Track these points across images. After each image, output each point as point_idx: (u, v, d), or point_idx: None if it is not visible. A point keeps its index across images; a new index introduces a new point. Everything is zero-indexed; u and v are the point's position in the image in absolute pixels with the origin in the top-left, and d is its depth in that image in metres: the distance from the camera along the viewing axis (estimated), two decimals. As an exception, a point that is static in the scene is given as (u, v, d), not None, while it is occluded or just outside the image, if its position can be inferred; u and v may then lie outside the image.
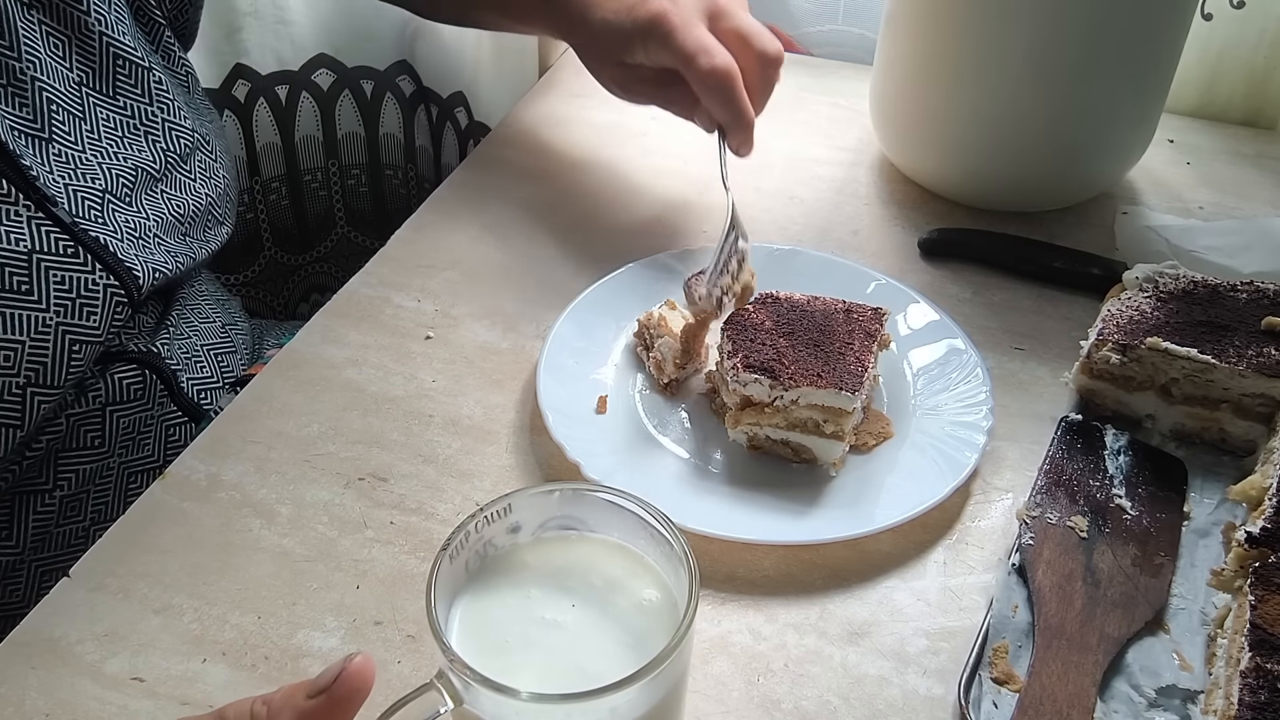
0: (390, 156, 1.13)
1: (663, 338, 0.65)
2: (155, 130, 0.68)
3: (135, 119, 0.67)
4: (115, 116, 0.66)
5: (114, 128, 0.66)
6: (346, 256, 1.16)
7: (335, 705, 0.37)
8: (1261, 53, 0.89)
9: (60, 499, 0.66)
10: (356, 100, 1.09)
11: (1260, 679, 0.46)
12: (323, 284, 1.16)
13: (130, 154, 0.67)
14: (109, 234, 0.63)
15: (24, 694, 0.49)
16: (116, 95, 0.67)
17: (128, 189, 0.66)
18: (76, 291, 0.61)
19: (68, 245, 0.61)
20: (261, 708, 0.38)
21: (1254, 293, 0.63)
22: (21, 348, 0.59)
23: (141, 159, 0.67)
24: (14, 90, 0.61)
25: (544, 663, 0.41)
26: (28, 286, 0.59)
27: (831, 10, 1.03)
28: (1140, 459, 0.60)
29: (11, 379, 0.59)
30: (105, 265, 0.63)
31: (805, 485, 0.59)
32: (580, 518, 0.45)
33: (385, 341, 0.69)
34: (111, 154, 0.66)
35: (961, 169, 0.80)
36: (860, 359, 0.59)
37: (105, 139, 0.65)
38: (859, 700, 0.50)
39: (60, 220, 0.61)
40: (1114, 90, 0.73)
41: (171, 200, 0.69)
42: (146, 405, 0.69)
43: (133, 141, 0.67)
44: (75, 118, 0.64)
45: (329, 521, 0.58)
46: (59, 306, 0.61)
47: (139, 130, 0.68)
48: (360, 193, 1.14)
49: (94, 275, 0.62)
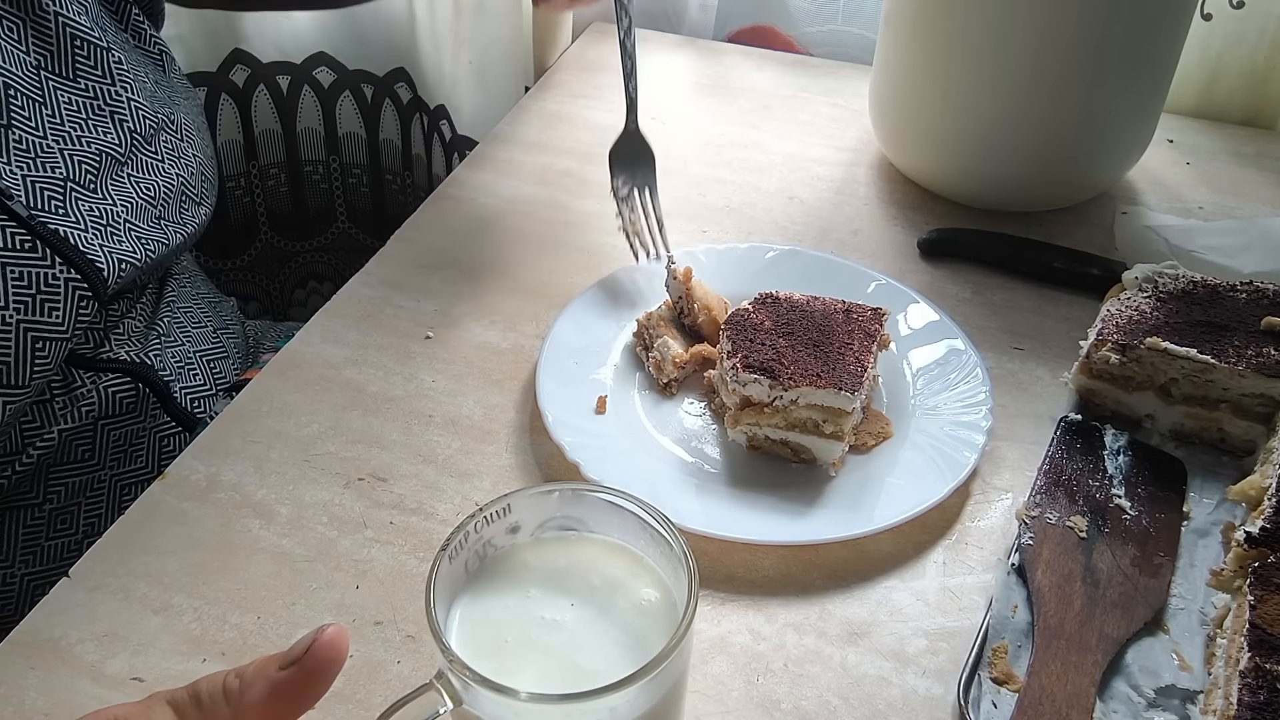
0: (389, 162, 1.13)
1: (661, 338, 0.65)
2: (121, 110, 0.67)
3: (98, 100, 0.66)
4: (76, 99, 0.65)
5: (76, 110, 0.65)
6: (346, 250, 1.16)
7: (308, 676, 0.36)
8: (1261, 53, 0.89)
9: (50, 512, 0.66)
10: (357, 102, 1.09)
11: (1259, 679, 0.46)
12: (320, 273, 1.16)
13: (95, 136, 0.65)
14: (70, 225, 0.62)
15: (24, 694, 0.49)
16: (76, 77, 0.65)
17: (91, 175, 0.64)
18: (36, 288, 0.60)
19: (25, 240, 0.59)
20: (234, 680, 0.37)
21: (1253, 293, 0.63)
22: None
23: (106, 141, 0.66)
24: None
25: (543, 663, 0.41)
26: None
27: (831, 10, 1.03)
28: (1139, 459, 0.60)
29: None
30: (66, 259, 0.61)
31: (805, 485, 0.59)
32: (580, 518, 0.45)
33: (385, 341, 0.69)
34: (74, 138, 0.64)
35: (961, 169, 0.80)
36: (860, 359, 0.59)
37: (67, 123, 0.64)
38: (858, 700, 0.50)
39: (16, 215, 0.59)
40: (1114, 90, 0.73)
41: (139, 183, 0.68)
42: (139, 417, 0.69)
43: (97, 124, 0.65)
44: (35, 103, 0.62)
45: (328, 521, 0.58)
46: (18, 304, 0.59)
47: (103, 111, 0.66)
48: (362, 192, 1.14)
49: (54, 270, 0.60)
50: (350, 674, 0.50)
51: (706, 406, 0.64)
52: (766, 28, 1.06)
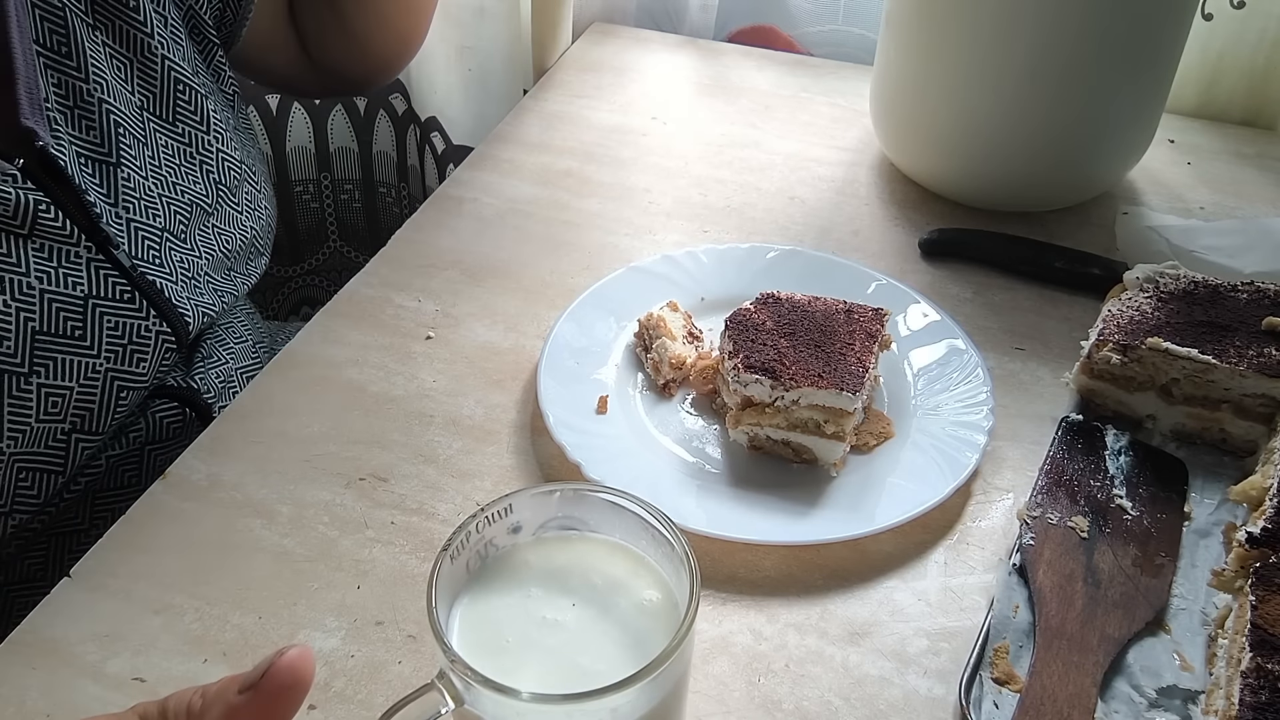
0: (383, 174, 1.12)
1: (660, 339, 0.65)
2: (210, 160, 0.67)
3: (192, 147, 0.66)
4: (174, 144, 0.64)
5: (172, 155, 0.64)
6: (339, 270, 1.15)
7: (265, 702, 0.35)
8: (1261, 53, 0.89)
9: (95, 537, 0.65)
10: (349, 116, 1.09)
11: (1261, 679, 0.46)
12: (314, 297, 1.15)
13: (185, 185, 0.65)
14: (164, 277, 0.62)
15: (25, 694, 0.49)
16: (175, 122, 0.65)
17: (183, 225, 0.64)
18: (129, 338, 0.60)
19: (125, 290, 0.59)
20: (198, 700, 0.36)
21: (1255, 293, 0.63)
22: (70, 394, 0.58)
23: (195, 191, 0.65)
24: (81, 113, 0.59)
25: (545, 663, 0.41)
26: (81, 332, 0.58)
27: (831, 10, 1.03)
28: (1141, 459, 0.60)
29: (57, 425, 0.58)
30: (159, 311, 0.61)
31: (806, 485, 0.59)
32: (581, 518, 0.45)
33: (386, 341, 0.69)
34: (170, 185, 0.64)
35: (962, 169, 0.80)
36: (861, 360, 0.59)
37: (165, 168, 0.64)
38: (860, 701, 0.50)
39: (120, 264, 0.59)
40: (1114, 90, 0.73)
41: (221, 235, 0.68)
42: (184, 441, 0.68)
43: (188, 171, 0.65)
44: (140, 144, 0.62)
45: (330, 521, 0.58)
46: (110, 353, 0.59)
47: (194, 160, 0.66)
48: (354, 208, 1.13)
49: (147, 321, 0.61)
50: (352, 674, 0.50)
51: (708, 406, 0.64)
52: (767, 28, 1.06)
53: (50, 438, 0.58)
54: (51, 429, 0.58)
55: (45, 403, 0.57)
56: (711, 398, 0.64)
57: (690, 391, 0.65)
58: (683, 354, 0.64)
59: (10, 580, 0.65)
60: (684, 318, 0.68)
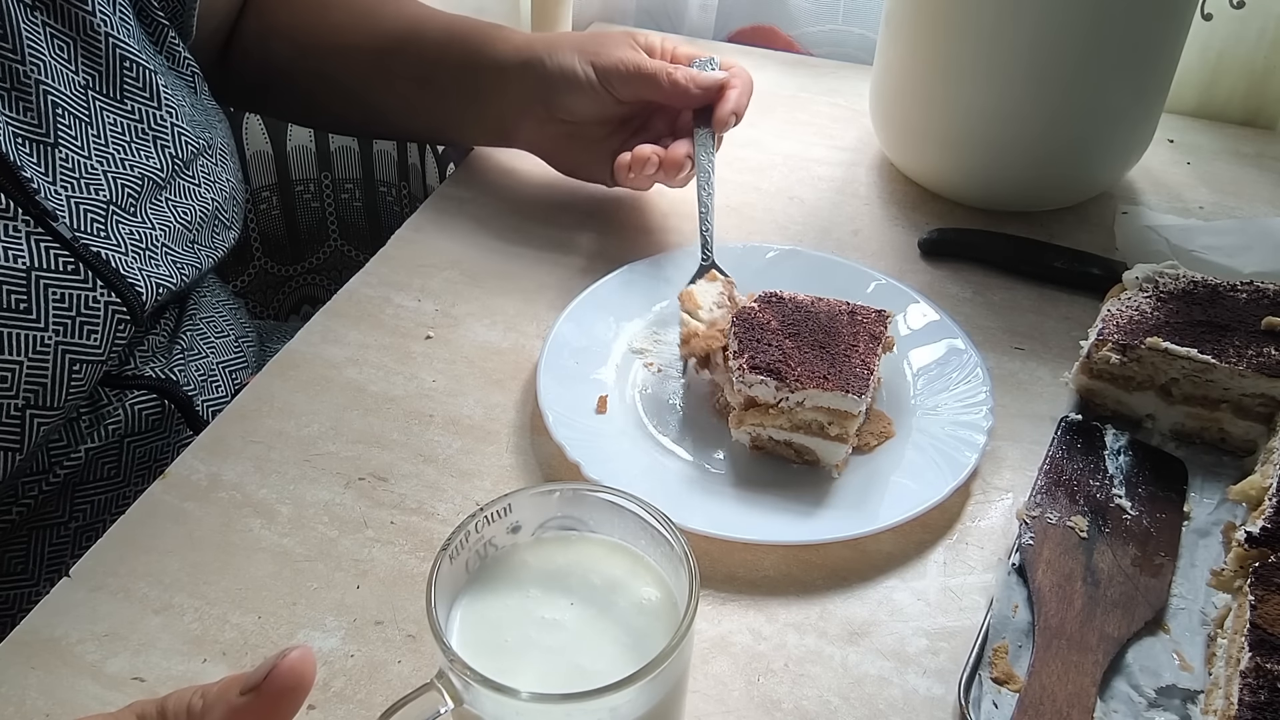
0: (384, 173, 1.12)
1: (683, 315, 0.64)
2: (164, 135, 0.67)
3: (144, 123, 0.66)
4: (123, 121, 0.65)
5: (121, 133, 0.64)
6: (339, 269, 1.15)
7: (267, 704, 0.35)
8: (1261, 53, 0.89)
9: (75, 530, 0.65)
10: None
11: (1260, 679, 0.46)
12: (314, 296, 1.15)
13: (137, 160, 0.65)
14: (111, 249, 0.62)
15: (24, 694, 0.49)
16: (124, 100, 0.65)
17: (132, 199, 0.64)
18: (77, 309, 0.59)
19: (68, 261, 0.59)
20: (198, 700, 0.36)
21: (1254, 292, 0.63)
22: (19, 368, 0.57)
23: (148, 166, 0.65)
24: (17, 94, 0.59)
25: (544, 662, 0.41)
26: (26, 305, 0.57)
27: (831, 10, 1.03)
28: (1140, 459, 0.60)
29: (10, 400, 0.57)
30: (107, 281, 0.61)
31: (805, 485, 0.59)
32: (580, 518, 0.45)
33: (385, 341, 0.69)
34: (118, 161, 0.64)
35: (961, 169, 0.80)
36: (866, 362, 0.59)
37: (112, 145, 0.64)
38: (859, 700, 0.50)
39: (60, 236, 0.59)
40: (1114, 90, 0.73)
41: (177, 208, 0.67)
42: (164, 433, 0.68)
43: (140, 148, 0.65)
44: (81, 122, 0.62)
45: (329, 521, 0.58)
46: (58, 325, 0.59)
47: (146, 135, 0.66)
48: (354, 207, 1.13)
49: (95, 292, 0.60)
50: (351, 674, 0.50)
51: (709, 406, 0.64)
52: (767, 28, 1.06)
53: (3, 414, 0.57)
54: (4, 404, 0.57)
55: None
56: (700, 368, 0.64)
57: (691, 397, 0.65)
58: (694, 327, 0.63)
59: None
60: (724, 285, 0.66)
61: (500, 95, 0.76)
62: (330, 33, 0.81)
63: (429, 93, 0.79)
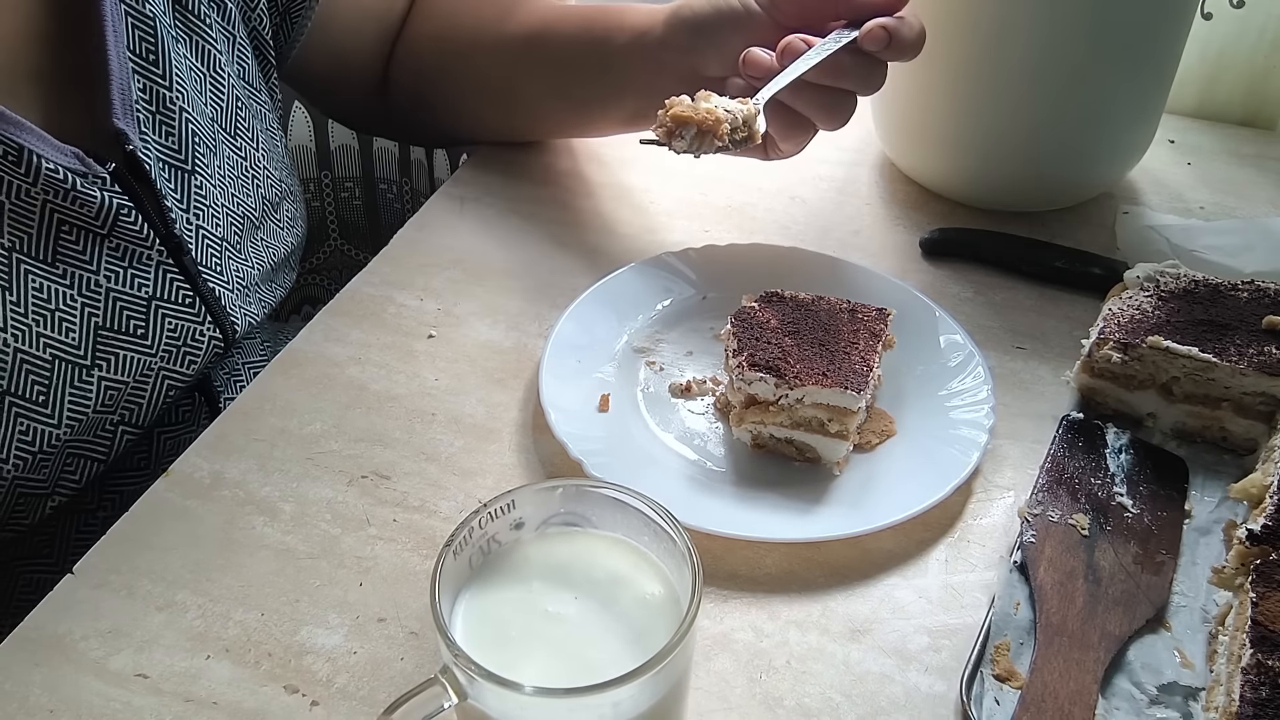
0: (385, 170, 1.12)
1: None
2: (259, 177, 0.69)
3: (247, 161, 0.68)
4: (234, 158, 0.67)
5: (233, 168, 0.67)
6: (339, 269, 1.15)
7: None
8: (1261, 53, 0.90)
9: (103, 519, 0.66)
10: None
11: (1261, 676, 0.46)
12: (315, 296, 1.15)
13: (241, 198, 0.67)
14: (221, 284, 0.65)
15: (28, 691, 0.49)
16: (236, 136, 0.67)
17: (238, 236, 0.67)
18: (184, 339, 0.63)
19: (188, 295, 0.62)
20: None
21: (1255, 292, 0.63)
22: (124, 389, 0.61)
23: (248, 205, 0.68)
24: (162, 119, 0.62)
25: (547, 657, 0.41)
26: (143, 331, 0.61)
27: (833, 11, 1.03)
28: (1141, 457, 0.60)
29: (108, 416, 0.61)
30: (215, 317, 0.64)
31: (807, 483, 0.59)
32: (583, 514, 0.45)
33: (388, 340, 0.69)
34: (230, 196, 0.66)
35: (962, 169, 0.80)
36: (865, 359, 0.59)
37: (227, 179, 0.66)
38: (861, 697, 0.50)
39: (187, 270, 0.62)
40: (1114, 90, 0.73)
41: (267, 249, 0.70)
42: (192, 426, 0.70)
43: (243, 185, 0.68)
44: (211, 153, 0.65)
45: (332, 519, 0.58)
46: (165, 352, 0.62)
47: (248, 174, 0.68)
48: (354, 206, 1.13)
49: (203, 325, 0.64)
50: (354, 670, 0.50)
51: (711, 404, 0.64)
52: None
53: (100, 427, 0.61)
54: (103, 419, 0.61)
55: (103, 394, 0.60)
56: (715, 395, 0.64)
57: (693, 397, 0.65)
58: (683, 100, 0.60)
59: (18, 556, 0.66)
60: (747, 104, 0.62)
61: (642, 63, 0.71)
62: (473, 30, 0.80)
63: (570, 75, 0.76)
